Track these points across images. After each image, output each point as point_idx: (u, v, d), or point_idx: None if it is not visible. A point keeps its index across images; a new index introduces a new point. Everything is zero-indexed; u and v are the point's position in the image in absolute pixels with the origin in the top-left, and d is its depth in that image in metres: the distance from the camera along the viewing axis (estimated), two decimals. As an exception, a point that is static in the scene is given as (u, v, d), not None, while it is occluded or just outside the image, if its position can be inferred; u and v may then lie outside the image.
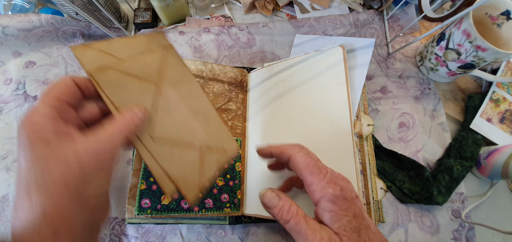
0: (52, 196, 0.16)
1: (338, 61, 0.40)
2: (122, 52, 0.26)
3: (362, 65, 0.40)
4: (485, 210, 0.43)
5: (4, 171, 0.39)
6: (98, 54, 0.24)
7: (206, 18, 0.53)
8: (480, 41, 0.37)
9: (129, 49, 0.26)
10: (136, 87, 0.25)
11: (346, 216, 0.23)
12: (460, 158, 0.44)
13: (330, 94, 0.39)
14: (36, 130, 0.17)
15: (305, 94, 0.41)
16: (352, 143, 0.36)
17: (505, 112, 0.47)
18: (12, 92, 0.42)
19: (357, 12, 0.52)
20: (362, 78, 0.40)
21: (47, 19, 0.42)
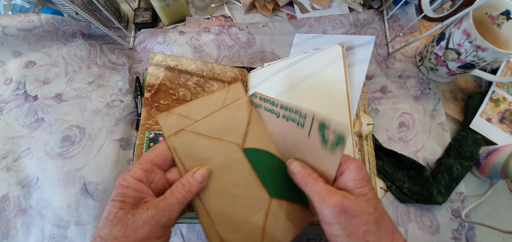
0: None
1: (337, 59, 0.40)
2: (199, 112, 0.28)
3: (362, 62, 0.39)
4: (485, 210, 0.44)
5: (4, 170, 0.39)
6: (178, 119, 0.27)
7: (206, 18, 0.53)
8: (480, 41, 0.37)
9: (205, 109, 0.28)
10: (207, 147, 0.27)
11: (368, 185, 0.24)
12: (460, 158, 0.44)
13: (329, 93, 0.39)
14: (121, 191, 0.22)
15: (304, 93, 0.41)
16: (352, 142, 0.36)
17: (505, 112, 0.47)
18: (12, 92, 0.42)
19: (357, 12, 0.52)
20: (362, 75, 0.39)
21: (47, 19, 0.42)
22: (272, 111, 0.29)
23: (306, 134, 0.27)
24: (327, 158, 0.26)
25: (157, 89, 0.40)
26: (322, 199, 0.23)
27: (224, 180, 0.27)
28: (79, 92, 0.43)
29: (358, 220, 0.22)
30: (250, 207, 0.28)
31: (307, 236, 0.41)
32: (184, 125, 0.27)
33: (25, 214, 0.38)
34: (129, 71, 0.47)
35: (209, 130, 0.28)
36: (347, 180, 0.24)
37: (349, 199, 0.23)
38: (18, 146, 0.40)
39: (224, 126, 0.28)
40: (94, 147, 0.41)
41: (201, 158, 0.27)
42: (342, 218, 0.22)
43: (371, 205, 0.23)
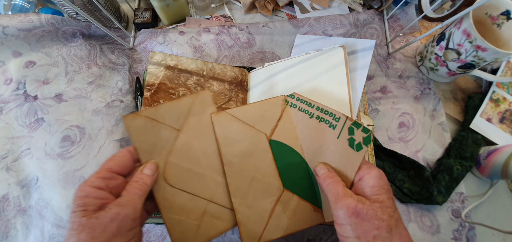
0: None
1: (339, 62, 0.40)
2: (166, 116, 0.30)
3: (363, 68, 0.40)
4: (485, 210, 0.43)
5: (4, 170, 0.39)
6: (145, 121, 0.29)
7: (206, 18, 0.53)
8: (480, 41, 0.37)
9: (171, 113, 0.30)
10: (240, 130, 0.32)
11: (387, 194, 0.25)
12: (460, 158, 0.44)
13: (331, 95, 0.39)
14: (81, 202, 0.23)
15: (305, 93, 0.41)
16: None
17: (505, 112, 0.47)
18: (12, 92, 0.42)
19: (357, 12, 0.52)
20: (362, 79, 0.40)
21: (47, 19, 0.42)
22: (307, 111, 0.32)
23: (336, 135, 0.30)
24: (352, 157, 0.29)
25: (157, 88, 0.39)
26: (338, 199, 0.25)
27: (247, 162, 0.31)
28: (79, 92, 0.43)
29: (369, 224, 0.23)
30: (264, 190, 0.31)
31: (307, 236, 0.41)
32: (151, 127, 0.29)
33: (25, 214, 0.38)
34: (129, 71, 0.47)
35: (245, 117, 0.32)
36: (365, 186, 0.26)
37: (364, 203, 0.24)
38: (18, 146, 0.40)
39: (258, 116, 0.32)
40: (94, 147, 0.41)
41: (239, 139, 0.31)
42: (353, 219, 0.23)
43: (386, 212, 0.23)
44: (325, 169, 0.29)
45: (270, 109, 0.33)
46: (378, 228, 0.23)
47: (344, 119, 0.30)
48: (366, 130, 0.29)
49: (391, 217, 0.23)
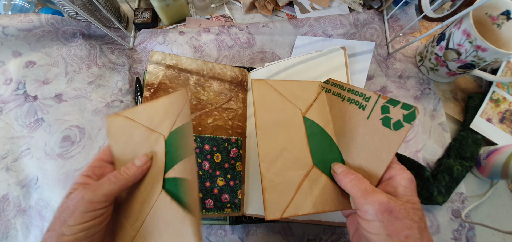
0: (52, 228, 0.23)
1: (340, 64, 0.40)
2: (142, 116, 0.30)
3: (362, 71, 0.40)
4: (485, 210, 0.43)
5: (4, 170, 0.39)
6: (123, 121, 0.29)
7: (206, 18, 0.53)
8: (480, 41, 0.37)
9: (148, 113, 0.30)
10: (278, 101, 0.32)
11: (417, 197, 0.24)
12: (460, 158, 0.44)
13: None
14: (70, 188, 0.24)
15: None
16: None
17: (505, 112, 0.47)
18: (12, 92, 0.42)
19: (357, 12, 0.52)
20: (362, 82, 0.40)
21: (47, 19, 0.42)
22: (339, 95, 0.32)
23: (366, 115, 0.29)
24: (388, 138, 0.27)
25: (157, 88, 0.39)
26: (367, 194, 0.24)
27: (281, 132, 0.31)
28: (79, 92, 0.43)
29: (402, 223, 0.22)
30: (293, 162, 0.30)
31: (307, 236, 0.41)
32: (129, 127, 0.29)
33: (25, 214, 0.38)
34: (129, 71, 0.47)
35: (283, 90, 0.33)
36: (398, 185, 0.25)
37: (396, 202, 0.23)
38: (18, 146, 0.40)
39: (295, 93, 0.33)
40: (94, 147, 0.41)
41: (275, 108, 0.32)
42: (385, 216, 0.22)
43: (418, 214, 0.23)
44: (342, 167, 0.29)
45: (307, 89, 0.34)
46: (410, 228, 0.22)
47: (375, 98, 0.29)
48: (408, 106, 0.26)
49: (421, 220, 0.23)
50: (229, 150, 0.39)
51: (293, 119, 0.32)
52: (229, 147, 0.39)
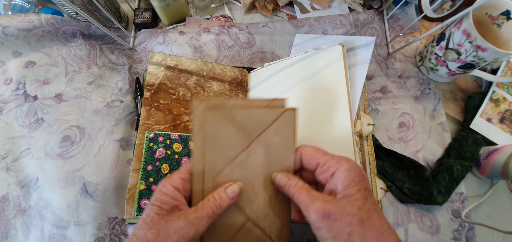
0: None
1: (338, 59, 0.40)
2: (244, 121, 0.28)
3: (363, 63, 0.40)
4: (485, 210, 0.43)
5: (4, 171, 0.39)
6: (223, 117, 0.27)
7: (206, 18, 0.53)
8: (480, 41, 0.37)
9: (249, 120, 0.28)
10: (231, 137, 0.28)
11: (358, 185, 0.24)
12: (460, 158, 0.44)
13: (330, 93, 0.39)
14: (160, 197, 0.25)
15: (305, 93, 0.41)
16: (353, 142, 0.36)
17: (505, 112, 0.47)
18: (12, 92, 0.42)
19: (357, 12, 0.52)
20: (362, 76, 0.39)
21: (47, 19, 0.42)
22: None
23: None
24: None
25: (157, 88, 0.40)
26: (307, 207, 0.24)
27: (231, 170, 0.28)
28: (79, 92, 0.43)
29: (341, 223, 0.22)
30: (239, 207, 0.28)
31: (307, 236, 0.41)
32: (225, 126, 0.27)
33: (25, 214, 0.38)
34: (129, 71, 0.47)
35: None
36: (337, 182, 0.25)
37: (331, 203, 0.23)
38: (18, 146, 0.40)
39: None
40: (94, 147, 0.41)
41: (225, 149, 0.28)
42: (325, 222, 0.23)
43: (355, 206, 0.23)
44: (285, 177, 0.27)
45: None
46: (351, 224, 0.22)
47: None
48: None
49: (361, 209, 0.23)
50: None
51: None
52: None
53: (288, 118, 0.28)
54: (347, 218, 0.22)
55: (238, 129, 0.27)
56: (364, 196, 0.24)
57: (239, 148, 0.28)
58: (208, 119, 0.27)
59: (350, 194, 0.24)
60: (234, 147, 0.27)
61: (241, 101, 0.29)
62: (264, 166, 0.28)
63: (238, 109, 0.27)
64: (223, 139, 0.27)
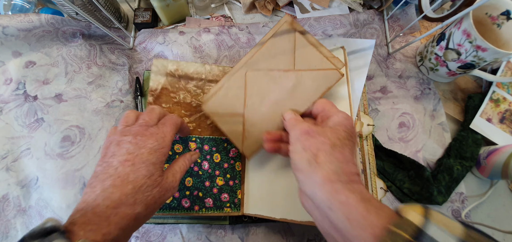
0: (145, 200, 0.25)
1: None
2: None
3: (362, 67, 0.40)
4: (485, 210, 0.43)
5: (4, 171, 0.39)
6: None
7: (206, 18, 0.53)
8: (480, 41, 0.37)
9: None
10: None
11: (346, 131, 0.27)
12: (460, 158, 0.44)
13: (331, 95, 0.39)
14: (162, 157, 0.27)
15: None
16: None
17: (505, 112, 0.47)
18: (12, 92, 0.42)
19: (357, 12, 0.52)
20: (362, 79, 0.40)
21: (47, 19, 0.42)
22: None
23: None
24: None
25: (159, 93, 0.41)
26: (294, 125, 0.28)
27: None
28: (79, 92, 0.43)
29: (316, 140, 0.25)
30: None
31: (307, 236, 0.41)
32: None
33: (25, 214, 0.38)
34: (129, 71, 0.47)
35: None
36: (330, 121, 0.28)
37: (315, 127, 0.27)
38: (18, 146, 0.40)
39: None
40: (94, 147, 0.41)
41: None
42: (303, 136, 0.26)
43: (336, 136, 0.26)
44: (291, 113, 0.32)
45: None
46: (323, 143, 0.25)
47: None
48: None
49: (338, 140, 0.25)
50: (229, 150, 0.39)
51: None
52: (229, 147, 0.39)
53: (330, 76, 0.34)
54: (322, 138, 0.25)
55: (293, 55, 0.34)
56: (347, 139, 0.26)
57: (284, 66, 0.34)
58: (282, 31, 0.35)
59: (336, 129, 0.26)
60: (282, 63, 0.35)
61: (317, 42, 0.35)
62: (286, 94, 0.34)
63: (309, 41, 0.35)
64: (280, 50, 0.35)
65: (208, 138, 0.38)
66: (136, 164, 0.24)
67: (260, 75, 0.35)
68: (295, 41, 0.34)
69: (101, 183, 0.23)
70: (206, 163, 0.37)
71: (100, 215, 0.21)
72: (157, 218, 0.39)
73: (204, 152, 0.38)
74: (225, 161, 0.38)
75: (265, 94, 0.35)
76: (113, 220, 0.22)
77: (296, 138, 0.27)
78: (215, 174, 0.37)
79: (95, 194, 0.23)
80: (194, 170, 0.37)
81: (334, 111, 0.29)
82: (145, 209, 0.24)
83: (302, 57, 0.34)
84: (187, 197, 0.35)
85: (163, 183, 0.26)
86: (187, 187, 0.36)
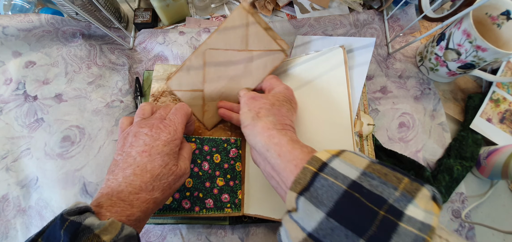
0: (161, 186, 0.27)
1: (339, 62, 0.40)
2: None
3: (362, 64, 0.40)
4: (485, 210, 0.43)
5: (4, 170, 0.39)
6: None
7: (206, 18, 0.53)
8: (480, 41, 0.37)
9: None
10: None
11: (286, 98, 0.34)
12: (460, 158, 0.44)
13: (330, 94, 0.39)
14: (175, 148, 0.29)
15: (305, 94, 0.41)
16: (353, 142, 0.36)
17: (505, 112, 0.47)
18: (12, 92, 0.42)
19: (357, 12, 0.52)
20: (362, 77, 0.39)
21: (47, 19, 0.42)
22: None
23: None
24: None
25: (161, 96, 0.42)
26: (243, 95, 0.34)
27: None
28: (79, 92, 0.43)
29: (258, 102, 0.32)
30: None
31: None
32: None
33: (25, 214, 0.38)
34: (129, 71, 0.47)
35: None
36: (273, 91, 0.35)
37: (259, 94, 0.33)
38: (18, 146, 0.40)
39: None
40: (94, 147, 0.41)
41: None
42: (249, 101, 0.33)
43: (275, 99, 0.32)
44: (245, 90, 0.36)
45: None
46: (264, 104, 0.31)
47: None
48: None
49: (277, 100, 0.32)
50: (229, 150, 0.39)
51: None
52: (229, 147, 0.39)
53: (276, 56, 0.38)
54: (264, 100, 0.32)
55: (245, 36, 0.38)
56: (284, 101, 0.33)
57: (236, 48, 0.39)
58: (236, 16, 0.39)
59: (276, 95, 0.33)
60: (234, 44, 0.39)
61: (265, 23, 0.39)
62: (240, 71, 0.39)
63: (257, 24, 0.38)
64: (232, 34, 0.39)
65: (208, 138, 0.38)
66: (153, 154, 0.27)
67: (217, 54, 0.39)
68: (248, 24, 0.38)
69: (122, 171, 0.26)
70: (206, 164, 0.37)
71: (124, 200, 0.24)
72: (157, 218, 0.39)
73: (204, 152, 0.38)
74: (225, 161, 0.38)
75: (222, 72, 0.39)
76: (135, 204, 0.25)
77: (244, 102, 0.33)
78: (216, 174, 0.37)
79: (118, 181, 0.25)
80: (194, 170, 0.37)
81: (278, 84, 0.36)
82: (162, 194, 0.27)
83: (253, 38, 0.38)
84: (187, 198, 0.35)
85: (177, 171, 0.28)
86: (188, 188, 0.36)
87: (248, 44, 0.39)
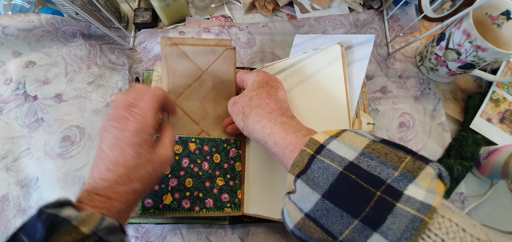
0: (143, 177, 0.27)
1: (336, 59, 0.39)
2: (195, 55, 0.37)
3: (361, 60, 0.39)
4: (485, 210, 0.43)
5: (4, 170, 0.39)
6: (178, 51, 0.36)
7: (206, 18, 0.53)
8: (480, 41, 0.37)
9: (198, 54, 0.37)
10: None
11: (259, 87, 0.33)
12: (460, 158, 0.44)
13: (328, 92, 0.39)
14: (146, 136, 0.27)
15: (304, 92, 0.41)
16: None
17: (505, 112, 0.47)
18: (12, 92, 0.42)
19: (357, 12, 0.52)
20: (361, 74, 0.39)
21: (47, 19, 0.42)
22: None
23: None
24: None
25: None
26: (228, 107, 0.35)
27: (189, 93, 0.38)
28: (79, 92, 0.43)
29: (239, 103, 0.33)
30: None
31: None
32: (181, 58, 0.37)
33: (25, 214, 0.38)
34: (129, 71, 0.47)
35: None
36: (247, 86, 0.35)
37: (237, 97, 0.34)
38: (18, 146, 0.40)
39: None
40: (94, 147, 0.41)
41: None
42: (232, 107, 0.34)
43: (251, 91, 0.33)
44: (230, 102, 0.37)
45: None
46: (244, 101, 0.32)
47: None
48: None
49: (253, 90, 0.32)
50: (228, 150, 0.39)
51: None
52: (228, 147, 0.39)
53: (229, 55, 0.38)
54: (243, 98, 0.32)
55: (191, 62, 0.37)
56: (260, 87, 0.32)
57: (193, 78, 0.37)
58: (169, 54, 0.36)
59: (251, 87, 0.33)
60: (189, 76, 0.37)
61: (196, 40, 0.38)
62: (213, 92, 0.38)
63: (189, 46, 0.37)
64: (180, 70, 0.37)
65: (208, 138, 0.38)
66: (123, 147, 0.26)
67: (187, 96, 0.38)
68: (184, 52, 0.37)
69: (97, 168, 0.26)
70: (206, 164, 0.37)
71: (102, 195, 0.24)
72: (157, 218, 0.39)
73: (204, 152, 0.38)
74: (225, 161, 0.38)
75: (203, 105, 0.38)
76: (114, 197, 0.24)
77: (230, 111, 0.35)
78: (215, 174, 0.37)
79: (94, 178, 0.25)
80: (194, 170, 0.37)
81: (247, 77, 0.36)
82: (142, 184, 0.26)
83: (197, 58, 0.37)
84: (187, 197, 0.35)
85: (155, 159, 0.27)
86: (187, 188, 0.36)
87: (199, 67, 0.38)
